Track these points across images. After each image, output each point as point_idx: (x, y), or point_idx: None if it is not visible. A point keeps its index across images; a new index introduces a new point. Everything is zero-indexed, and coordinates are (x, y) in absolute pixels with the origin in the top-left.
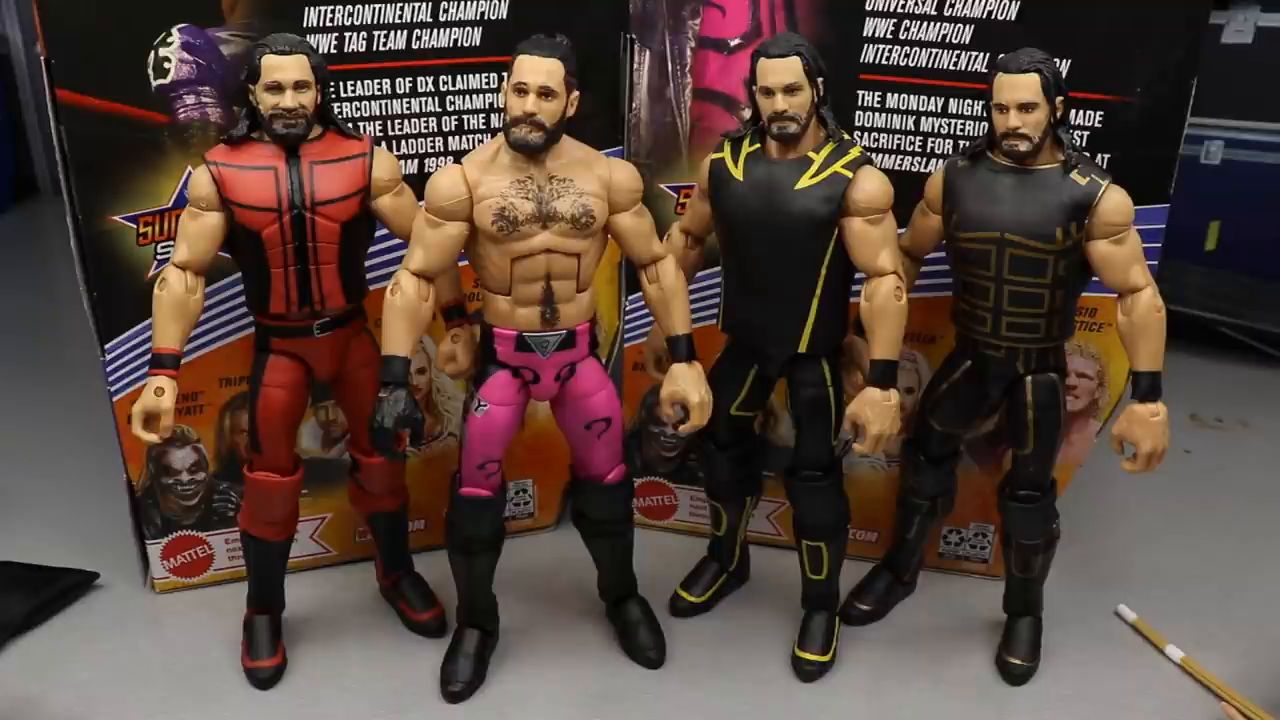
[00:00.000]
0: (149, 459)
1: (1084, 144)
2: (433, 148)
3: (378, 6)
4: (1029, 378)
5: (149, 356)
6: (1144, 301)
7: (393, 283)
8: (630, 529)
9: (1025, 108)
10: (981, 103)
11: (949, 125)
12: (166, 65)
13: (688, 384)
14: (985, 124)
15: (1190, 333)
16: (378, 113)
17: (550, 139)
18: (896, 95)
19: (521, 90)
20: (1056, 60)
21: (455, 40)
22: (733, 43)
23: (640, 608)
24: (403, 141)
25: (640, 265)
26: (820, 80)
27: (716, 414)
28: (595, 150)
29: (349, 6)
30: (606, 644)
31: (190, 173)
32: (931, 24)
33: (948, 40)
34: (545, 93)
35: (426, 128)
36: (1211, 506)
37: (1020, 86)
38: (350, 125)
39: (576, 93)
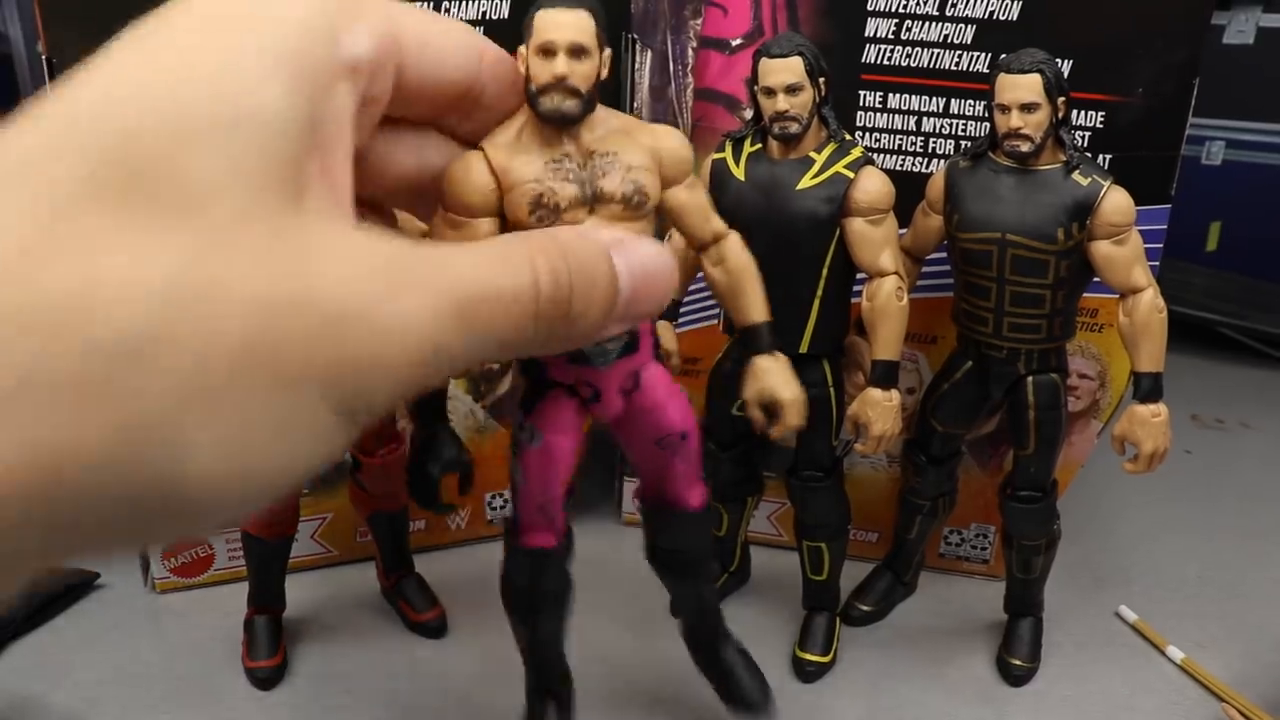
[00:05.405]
0: None
1: (1085, 144)
2: None
3: None
4: (1030, 378)
5: None
6: (1145, 302)
7: None
8: (713, 561)
9: (1027, 108)
10: (983, 103)
11: (950, 125)
12: None
13: (776, 380)
14: (987, 124)
15: (1191, 333)
16: None
17: (587, 107)
18: (898, 95)
19: (548, 51)
20: (1058, 60)
21: None
22: (734, 42)
23: (734, 648)
24: None
25: (700, 246)
26: (822, 80)
27: (718, 414)
28: (631, 116)
29: None
30: (604, 644)
31: None
32: (933, 24)
33: (949, 40)
34: (577, 51)
35: None
36: (1213, 507)
37: (1022, 87)
38: None
39: (609, 50)
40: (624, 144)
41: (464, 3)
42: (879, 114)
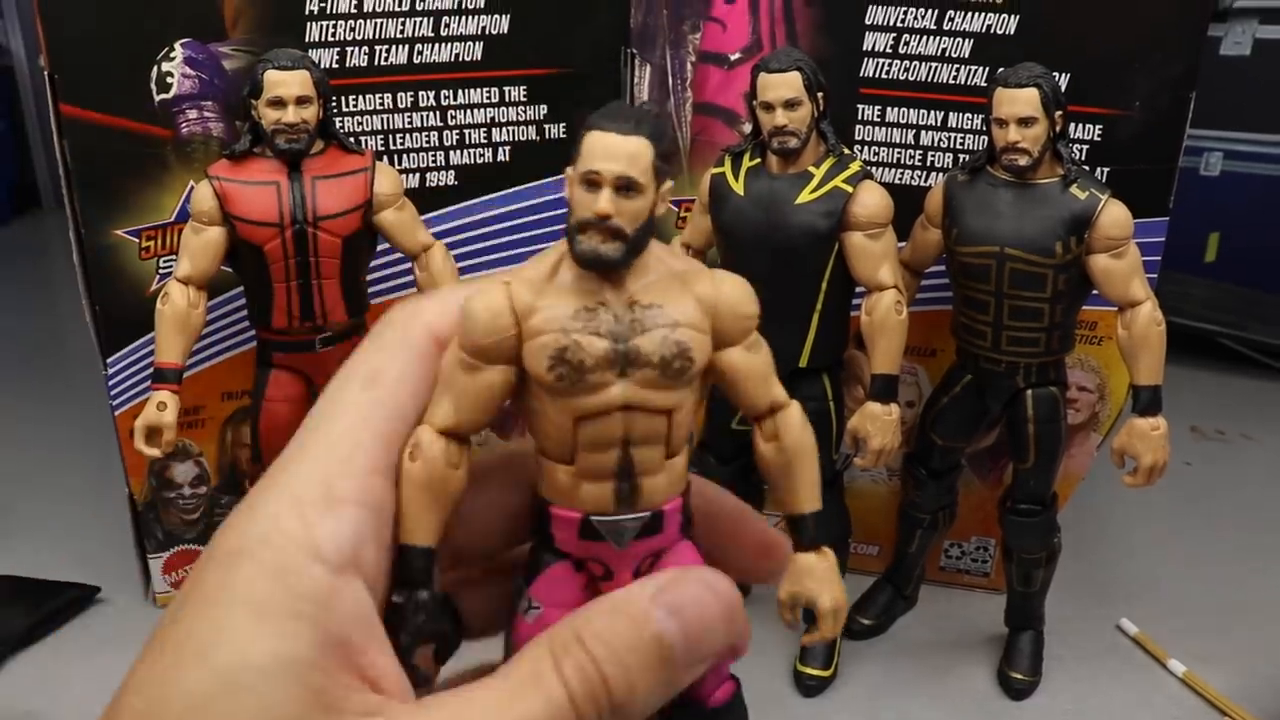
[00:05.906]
0: (151, 473)
1: (1083, 157)
2: (434, 161)
3: (379, 22)
4: (1029, 391)
5: (151, 371)
6: (1144, 315)
7: (411, 443)
8: None
9: (1024, 122)
10: (981, 117)
11: (949, 139)
12: (169, 80)
13: (817, 583)
14: (985, 138)
15: (1190, 345)
16: (379, 127)
17: (631, 252)
18: (896, 109)
19: (592, 182)
20: (1056, 74)
21: (456, 55)
22: (733, 57)
23: None
24: (404, 155)
25: (755, 417)
26: (820, 95)
27: (717, 428)
28: (693, 260)
29: (351, 22)
30: None
31: (192, 187)
32: (931, 38)
33: (947, 55)
34: (626, 186)
35: (428, 142)
36: (1213, 519)
37: (1019, 101)
38: (352, 140)
39: (669, 183)
40: (674, 294)
41: (464, 19)
42: (877, 128)
